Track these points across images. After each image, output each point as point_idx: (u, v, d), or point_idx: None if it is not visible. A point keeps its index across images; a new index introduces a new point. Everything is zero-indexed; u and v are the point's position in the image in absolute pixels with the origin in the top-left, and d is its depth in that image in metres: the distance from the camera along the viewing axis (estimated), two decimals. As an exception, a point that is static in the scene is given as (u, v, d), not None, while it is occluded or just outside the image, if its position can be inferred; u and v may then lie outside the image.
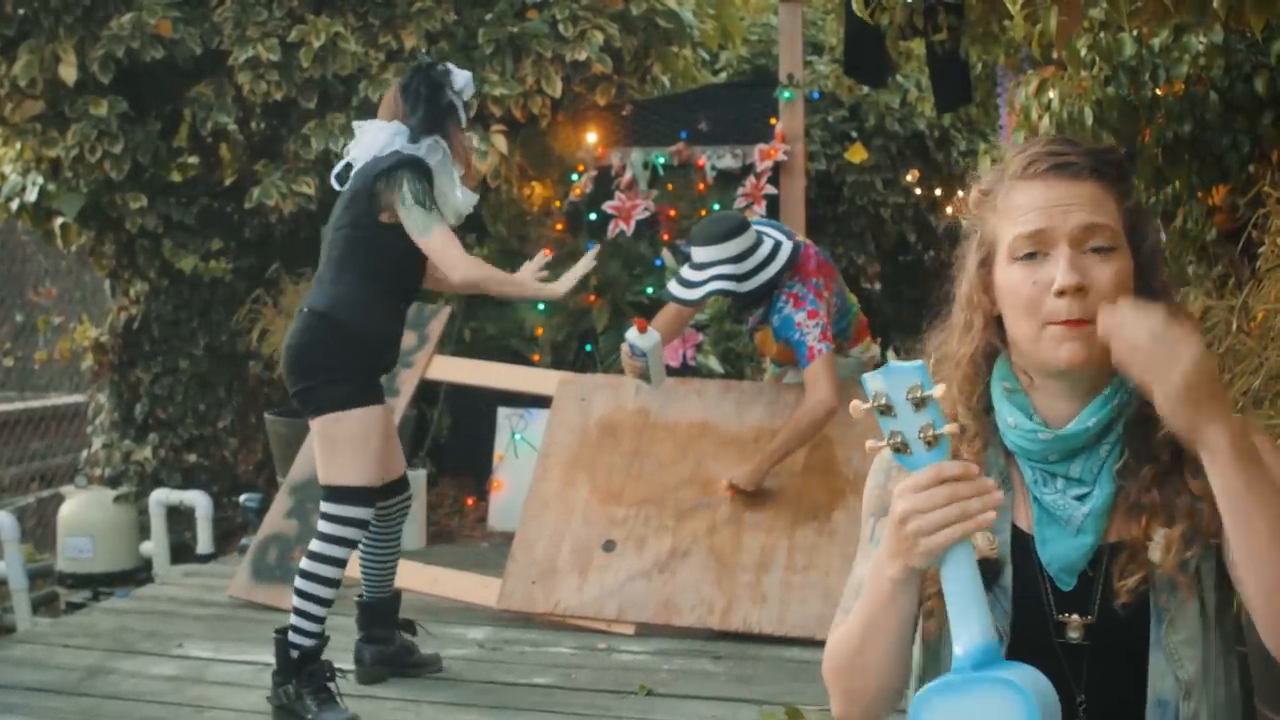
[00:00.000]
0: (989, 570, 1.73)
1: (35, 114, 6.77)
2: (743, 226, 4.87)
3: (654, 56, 7.58)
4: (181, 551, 7.12)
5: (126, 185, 6.90)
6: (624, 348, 5.12)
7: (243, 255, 7.44)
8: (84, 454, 7.89)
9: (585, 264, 4.53)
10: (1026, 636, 1.74)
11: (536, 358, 7.31)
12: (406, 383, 6.11)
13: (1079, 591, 1.75)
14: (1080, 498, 1.74)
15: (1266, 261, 3.43)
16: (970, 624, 1.59)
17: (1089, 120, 3.76)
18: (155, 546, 7.05)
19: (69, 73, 6.55)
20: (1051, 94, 3.83)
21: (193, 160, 7.48)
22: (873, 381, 1.58)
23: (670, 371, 6.70)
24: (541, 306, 7.38)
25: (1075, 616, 1.74)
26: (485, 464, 7.12)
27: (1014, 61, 6.08)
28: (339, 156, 6.70)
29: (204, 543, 7.07)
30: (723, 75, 8.96)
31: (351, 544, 4.32)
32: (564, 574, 5.26)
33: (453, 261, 4.24)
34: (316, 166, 6.82)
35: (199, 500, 7.10)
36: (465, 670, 4.78)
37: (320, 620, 4.29)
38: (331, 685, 4.26)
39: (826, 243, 7.97)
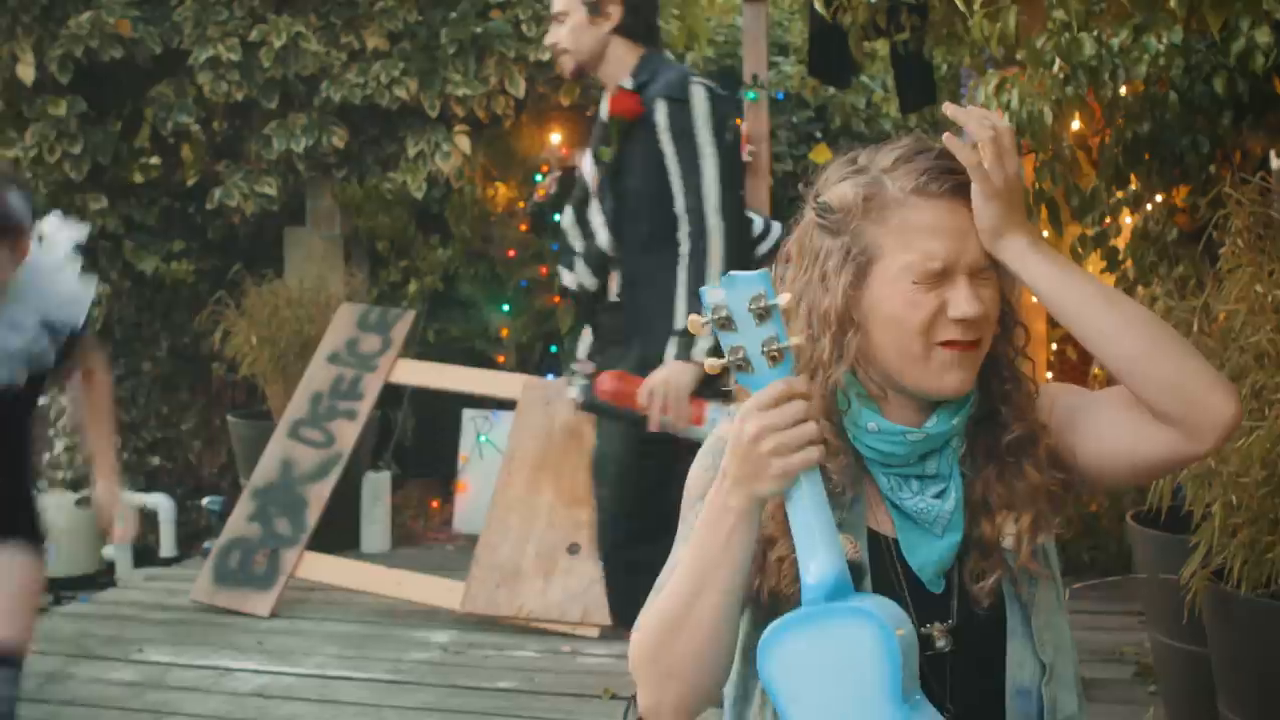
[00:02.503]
0: (852, 575, 1.62)
1: (-7, 114, 6.72)
2: None
3: (619, 57, 7.55)
4: (145, 554, 7.06)
5: (87, 186, 6.84)
6: None
7: (205, 257, 7.38)
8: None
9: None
10: None
11: (501, 359, 7.28)
12: (370, 386, 6.07)
13: (938, 597, 1.71)
14: (939, 495, 1.70)
15: (1227, 262, 3.44)
16: (820, 552, 1.51)
17: (1049, 119, 3.76)
18: (117, 550, 6.99)
19: (26, 72, 6.49)
20: (1011, 93, 3.82)
21: (154, 161, 7.41)
22: (712, 294, 1.48)
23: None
24: (506, 308, 7.35)
25: (938, 624, 1.69)
26: (450, 466, 7.09)
27: (978, 62, 6.08)
28: (301, 157, 6.71)
29: (167, 546, 7.01)
30: (689, 76, 8.93)
31: None
32: (528, 577, 5.24)
33: None
34: (279, 167, 6.79)
35: (162, 503, 7.05)
36: (428, 674, 4.75)
37: None
38: None
39: (793, 243, 7.96)
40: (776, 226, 4.90)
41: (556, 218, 7.22)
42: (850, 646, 1.47)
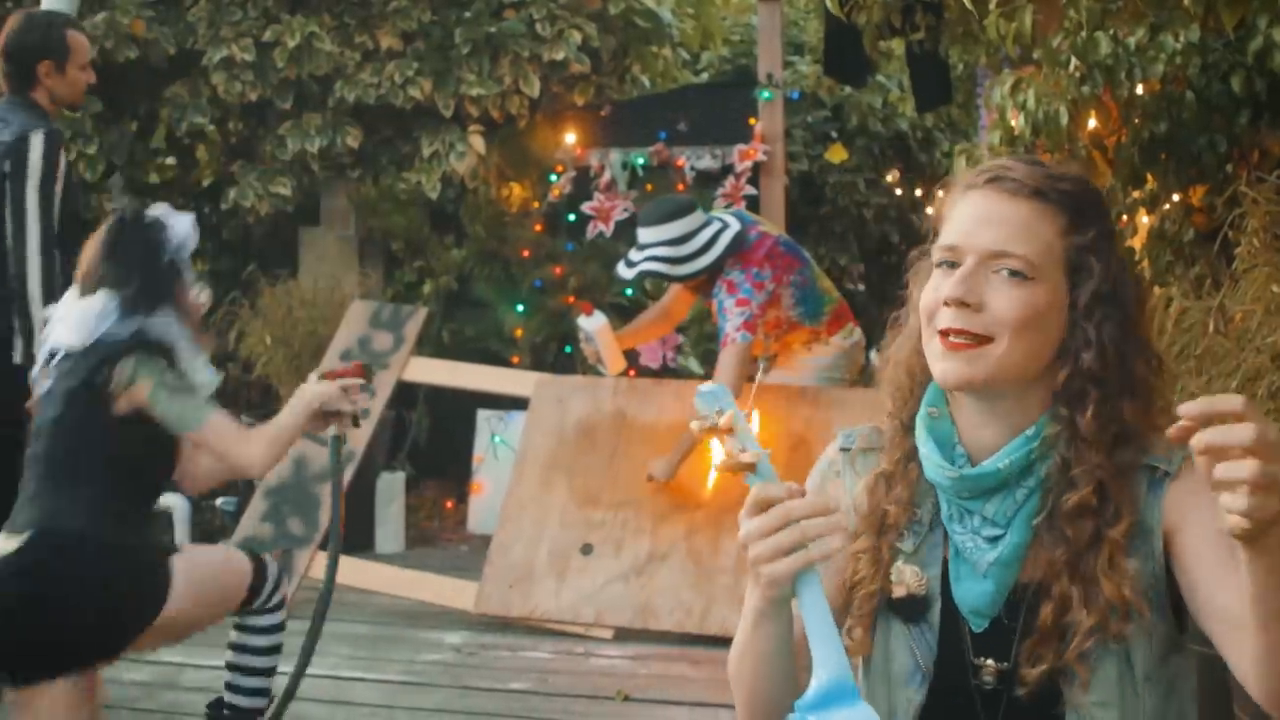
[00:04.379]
0: (915, 606, 1.65)
1: (9, 115, 6.72)
2: (686, 209, 4.91)
3: (633, 56, 7.55)
4: (159, 555, 7.06)
5: (103, 186, 6.86)
6: (581, 333, 5.21)
7: (219, 257, 7.40)
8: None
9: None
10: (947, 676, 1.67)
11: (516, 359, 7.27)
12: (383, 385, 6.07)
13: (995, 634, 1.67)
14: (992, 539, 1.65)
15: (1243, 262, 3.42)
16: (819, 662, 1.49)
17: (1064, 119, 3.74)
18: (132, 550, 7.00)
19: (42, 73, 6.50)
20: (1027, 93, 3.80)
21: (169, 161, 7.43)
22: (698, 402, 1.50)
23: (649, 373, 6.68)
24: (520, 308, 7.34)
25: (990, 661, 1.66)
26: (465, 466, 7.09)
27: (994, 61, 6.05)
28: (315, 157, 6.71)
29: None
30: (705, 75, 8.93)
31: None
32: (541, 578, 5.23)
33: (240, 452, 3.43)
34: (293, 167, 6.79)
35: (177, 503, 7.03)
36: (441, 675, 4.74)
37: None
38: None
39: (809, 243, 7.94)
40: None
41: (571, 217, 7.27)
42: None
